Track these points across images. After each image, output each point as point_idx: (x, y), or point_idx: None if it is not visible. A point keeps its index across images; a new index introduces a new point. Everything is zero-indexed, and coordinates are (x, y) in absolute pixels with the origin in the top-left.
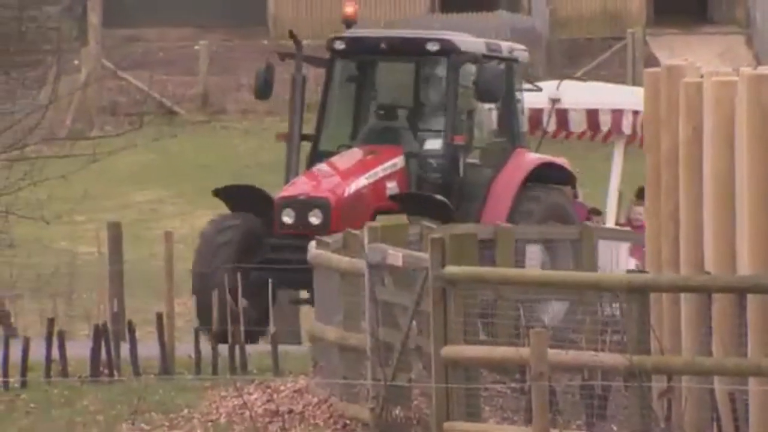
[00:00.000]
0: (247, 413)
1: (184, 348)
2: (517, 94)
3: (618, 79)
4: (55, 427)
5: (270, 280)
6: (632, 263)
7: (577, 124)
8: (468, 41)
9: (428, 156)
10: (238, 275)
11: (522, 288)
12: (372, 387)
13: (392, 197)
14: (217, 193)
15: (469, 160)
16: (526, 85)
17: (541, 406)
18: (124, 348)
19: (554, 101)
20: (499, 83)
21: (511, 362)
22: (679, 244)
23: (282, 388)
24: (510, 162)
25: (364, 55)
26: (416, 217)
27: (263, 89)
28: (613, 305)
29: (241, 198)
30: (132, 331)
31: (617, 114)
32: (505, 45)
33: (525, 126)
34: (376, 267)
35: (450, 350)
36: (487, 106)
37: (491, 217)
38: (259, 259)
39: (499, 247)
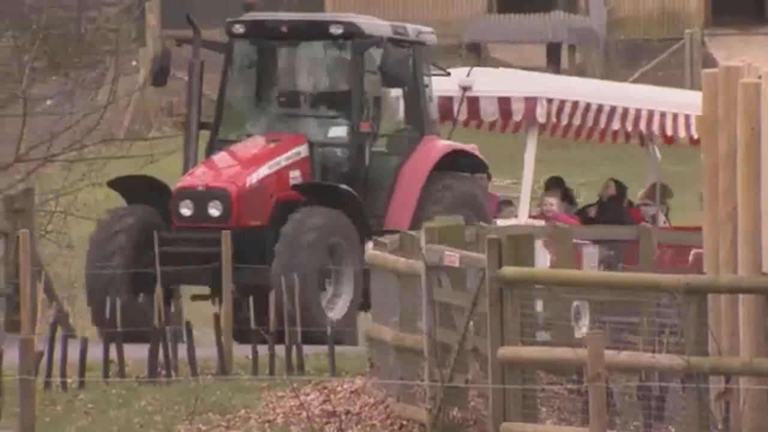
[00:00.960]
0: (304, 414)
1: (241, 348)
2: (425, 79)
3: (675, 79)
4: (112, 428)
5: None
6: (547, 257)
7: (489, 112)
8: (373, 24)
9: (333, 144)
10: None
11: (579, 289)
12: (429, 388)
13: (295, 187)
14: (113, 184)
15: (377, 148)
16: (435, 70)
17: (598, 408)
18: (182, 349)
19: (465, 89)
20: (405, 68)
21: (568, 363)
22: (736, 245)
23: (339, 388)
24: (418, 150)
25: (265, 39)
26: (321, 207)
27: (159, 76)
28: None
29: (138, 189)
30: (189, 332)
31: (530, 102)
32: (411, 28)
33: (434, 112)
34: (433, 268)
35: (507, 351)
36: (394, 91)
37: (399, 206)
38: (156, 252)
39: (558, 247)
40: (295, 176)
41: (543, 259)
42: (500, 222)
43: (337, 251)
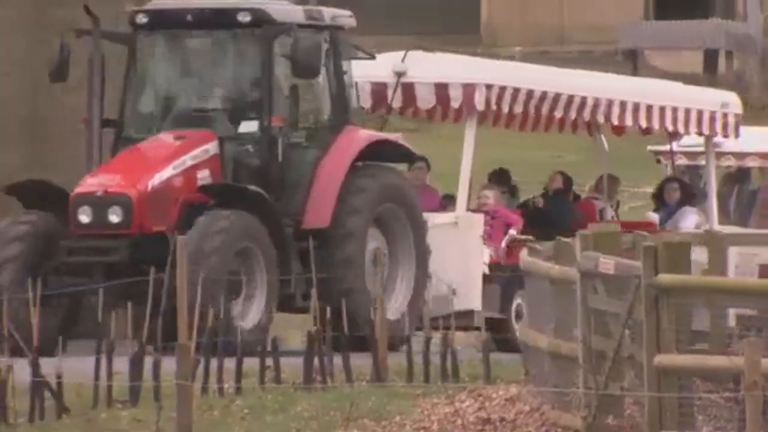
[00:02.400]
0: (459, 421)
1: (396, 355)
2: (345, 65)
3: None
4: (269, 431)
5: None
6: (486, 253)
7: (425, 99)
8: (283, 10)
9: (244, 140)
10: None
11: (738, 297)
12: (584, 395)
13: (201, 188)
14: (10, 189)
15: (295, 140)
16: (361, 54)
17: (755, 416)
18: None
19: (399, 74)
20: (316, 55)
21: (724, 371)
22: None
23: (493, 395)
24: (338, 141)
25: (170, 28)
26: (228, 210)
27: (58, 71)
28: None
29: (36, 195)
30: (345, 339)
31: (469, 88)
32: (327, 12)
33: (355, 100)
34: (588, 275)
35: (663, 359)
36: (312, 80)
37: (318, 203)
38: (55, 262)
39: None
40: (204, 176)
41: (483, 256)
42: (437, 218)
43: (249, 256)
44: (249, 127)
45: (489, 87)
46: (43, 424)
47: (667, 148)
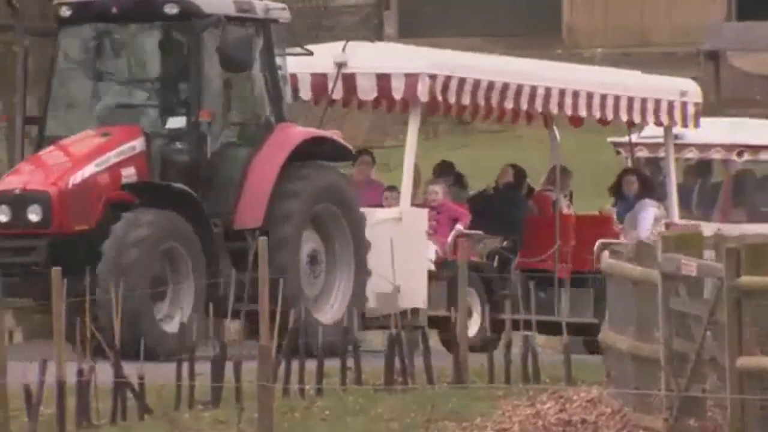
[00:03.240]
0: (540, 422)
1: (476, 357)
2: (279, 60)
3: None
4: None
5: None
6: (432, 249)
7: (366, 90)
8: (212, 1)
9: (171, 136)
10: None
11: None
12: (665, 397)
13: (126, 187)
14: None
15: (227, 137)
16: (297, 50)
17: None
18: (418, 356)
19: (340, 65)
20: (245, 48)
21: None
22: None
23: (575, 397)
24: (271, 139)
25: (95, 22)
26: (153, 209)
27: None
28: None
29: None
30: (426, 340)
31: (412, 79)
32: (259, 4)
33: (289, 96)
34: (670, 276)
35: (745, 361)
36: (244, 75)
37: (249, 203)
38: None
39: None
40: (130, 174)
41: (428, 253)
42: (381, 213)
43: (175, 258)
44: (177, 122)
45: (433, 77)
46: (125, 425)
47: (627, 139)
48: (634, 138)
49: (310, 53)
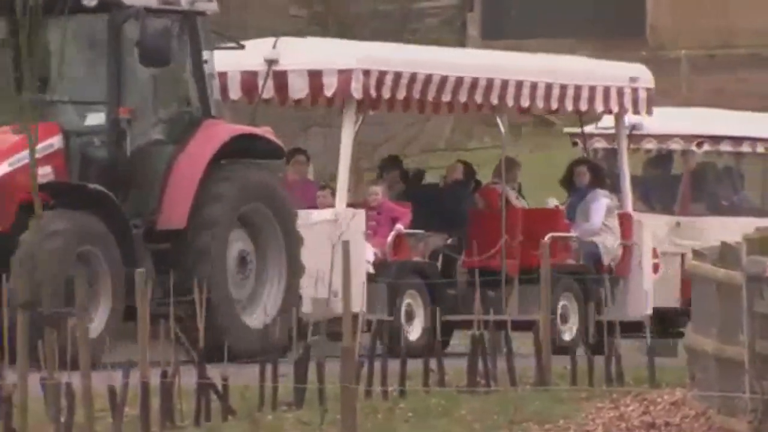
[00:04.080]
0: (624, 425)
1: (559, 359)
2: (205, 54)
3: None
4: None
5: None
6: (371, 252)
7: (297, 88)
8: None
9: (90, 133)
10: None
11: None
12: (750, 400)
13: (41, 187)
14: None
15: (150, 134)
16: (228, 43)
17: None
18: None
19: (271, 62)
20: (164, 42)
21: None
22: None
23: (658, 400)
24: (197, 136)
25: (11, 14)
26: (68, 211)
27: None
28: None
29: None
30: (509, 342)
31: (344, 75)
32: None
33: (216, 92)
34: (755, 279)
35: None
36: (170, 69)
37: (173, 203)
38: None
39: None
40: (46, 173)
41: (367, 255)
42: (316, 214)
43: (92, 261)
44: (96, 119)
45: (366, 72)
46: (209, 426)
47: (591, 130)
48: (592, 129)
49: (242, 47)
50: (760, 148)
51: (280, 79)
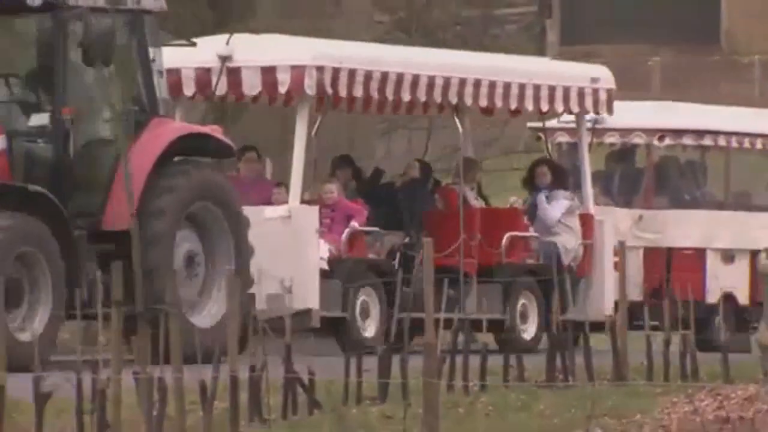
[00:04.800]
0: (698, 419)
1: (636, 355)
2: (153, 52)
3: None
4: (512, 429)
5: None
6: (325, 248)
7: (251, 85)
8: None
9: (34, 134)
10: None
11: None
12: None
13: None
14: None
15: (96, 134)
16: (180, 41)
17: None
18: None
19: (224, 59)
20: (108, 42)
21: None
22: None
23: (732, 395)
24: (144, 134)
25: None
26: (6, 212)
27: None
28: None
29: None
30: (586, 339)
31: (298, 71)
32: None
33: (164, 90)
34: None
35: None
36: (115, 68)
37: (117, 202)
38: None
39: None
40: None
41: (321, 251)
42: (269, 211)
43: (32, 262)
44: (39, 119)
45: (320, 69)
46: (295, 420)
47: (554, 124)
48: (555, 123)
49: (193, 44)
50: (722, 142)
51: (234, 76)
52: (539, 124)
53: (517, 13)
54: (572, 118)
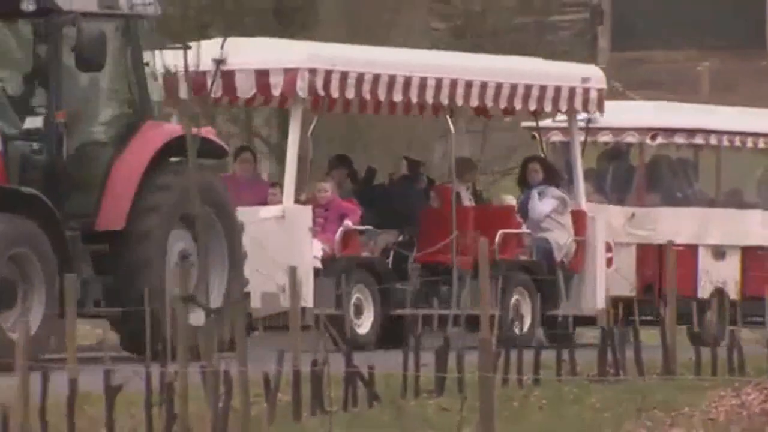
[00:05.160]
0: (745, 413)
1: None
2: (147, 56)
3: None
4: (565, 422)
5: None
6: (318, 247)
7: (245, 87)
8: None
9: (29, 137)
10: None
11: None
12: None
13: None
14: None
15: (91, 137)
16: (175, 45)
17: None
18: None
19: (219, 62)
20: (99, 47)
21: None
22: None
23: None
24: (137, 137)
25: None
26: (4, 213)
27: None
28: None
29: None
30: (636, 335)
31: (290, 74)
32: (124, 0)
33: (157, 93)
34: None
35: None
36: (110, 72)
37: (112, 202)
38: None
39: None
40: None
41: (314, 251)
42: (264, 211)
43: (25, 263)
44: (33, 122)
45: (312, 71)
46: (356, 412)
47: (548, 124)
48: (549, 122)
49: (188, 47)
50: (713, 140)
51: (229, 79)
52: (533, 124)
53: (569, 20)
54: (565, 117)
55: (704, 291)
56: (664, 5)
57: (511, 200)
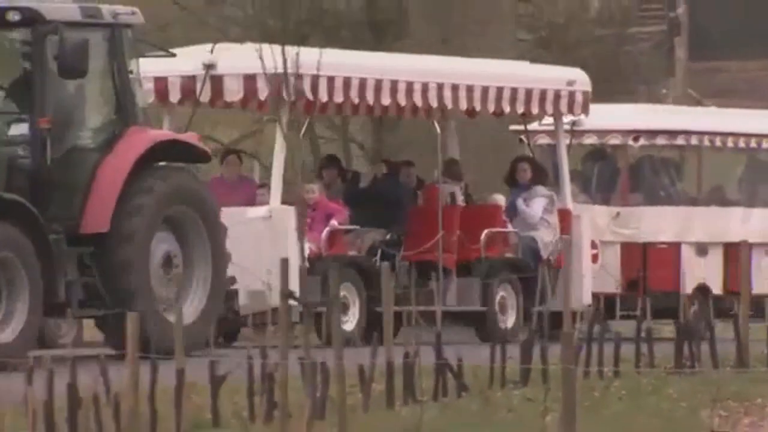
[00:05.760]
0: None
1: (756, 344)
2: (131, 64)
3: None
4: (643, 411)
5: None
6: (305, 246)
7: (232, 91)
8: (56, 8)
9: (14, 143)
10: None
11: None
12: None
13: None
14: None
15: (76, 142)
16: (159, 51)
17: None
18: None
19: (208, 67)
20: (80, 55)
21: None
22: None
23: None
24: (121, 142)
25: None
26: None
27: None
28: None
29: None
30: (711, 329)
31: (277, 79)
32: (107, 9)
33: (142, 100)
34: None
35: None
36: (94, 80)
37: (96, 205)
38: None
39: None
40: None
41: (305, 249)
42: (251, 211)
43: (8, 267)
44: (18, 129)
45: (299, 77)
46: (445, 401)
47: (535, 127)
48: (535, 126)
49: (173, 55)
50: (694, 141)
51: (217, 83)
52: (521, 127)
53: (648, 32)
54: (551, 120)
55: (688, 287)
56: (739, 17)
57: (501, 200)
